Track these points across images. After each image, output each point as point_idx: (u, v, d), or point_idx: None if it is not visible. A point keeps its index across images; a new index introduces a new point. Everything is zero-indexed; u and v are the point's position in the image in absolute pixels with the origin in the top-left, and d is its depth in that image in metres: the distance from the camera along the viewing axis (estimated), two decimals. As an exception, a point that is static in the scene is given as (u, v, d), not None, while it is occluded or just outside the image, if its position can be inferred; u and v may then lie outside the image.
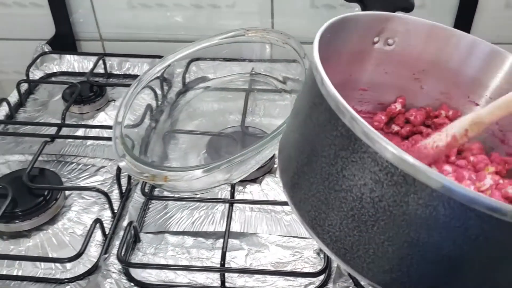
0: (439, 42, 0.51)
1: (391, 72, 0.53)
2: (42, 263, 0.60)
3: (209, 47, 0.79)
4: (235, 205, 0.67)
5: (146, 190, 0.67)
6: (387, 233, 0.36)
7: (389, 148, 0.33)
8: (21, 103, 0.86)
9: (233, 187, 0.66)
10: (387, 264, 0.37)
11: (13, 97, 0.86)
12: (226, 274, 0.58)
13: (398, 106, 0.54)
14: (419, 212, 0.34)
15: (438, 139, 0.46)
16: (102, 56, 0.91)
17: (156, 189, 0.69)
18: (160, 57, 0.92)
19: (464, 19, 0.92)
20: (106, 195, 0.65)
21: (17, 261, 0.61)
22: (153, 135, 0.75)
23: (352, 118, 0.35)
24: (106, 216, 0.66)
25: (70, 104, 0.79)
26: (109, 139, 0.74)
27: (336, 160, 0.37)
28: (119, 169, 0.68)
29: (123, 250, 0.59)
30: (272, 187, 0.71)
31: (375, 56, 0.51)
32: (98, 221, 0.62)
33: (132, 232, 0.62)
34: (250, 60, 0.84)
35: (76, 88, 0.82)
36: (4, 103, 0.83)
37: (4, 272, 0.60)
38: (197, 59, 0.83)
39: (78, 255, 0.58)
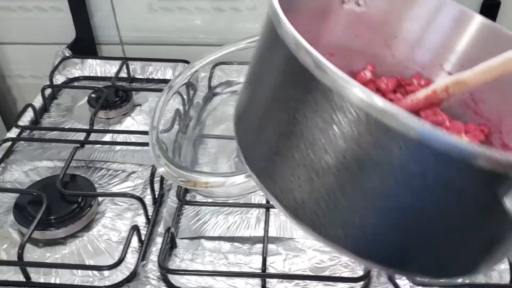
0: (411, 5, 0.47)
1: (361, 37, 0.48)
2: (80, 271, 0.60)
3: (236, 51, 0.79)
4: (270, 210, 0.67)
5: (181, 195, 0.67)
6: (340, 182, 0.32)
7: (346, 85, 0.30)
8: (45, 108, 0.86)
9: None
10: (340, 217, 0.33)
11: (37, 102, 0.86)
12: (266, 280, 0.58)
13: (368, 74, 0.49)
14: (374, 155, 0.30)
15: (418, 94, 0.42)
16: (125, 60, 0.91)
17: (189, 194, 0.69)
18: (184, 61, 0.92)
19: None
20: (141, 201, 0.65)
21: (54, 269, 0.60)
22: (182, 140, 0.75)
23: (307, 52, 0.32)
24: (141, 222, 0.66)
25: (98, 109, 0.79)
26: (139, 144, 0.75)
27: (289, 102, 0.34)
28: (152, 175, 0.68)
29: (163, 256, 0.59)
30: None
31: (345, 17, 0.47)
32: (135, 227, 0.62)
33: (169, 238, 0.62)
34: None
35: (103, 93, 0.82)
36: (30, 109, 0.82)
37: (42, 280, 0.60)
38: (222, 63, 0.83)
39: (119, 262, 0.58)
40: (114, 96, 0.84)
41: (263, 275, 0.57)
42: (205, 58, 0.77)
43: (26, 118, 0.82)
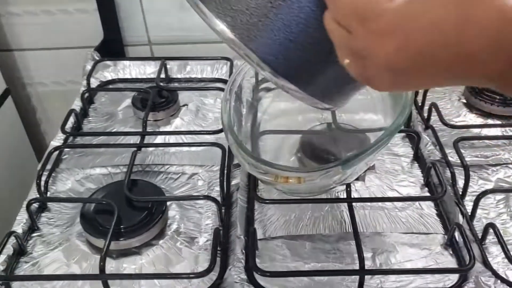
0: None
1: None
2: (162, 281, 0.57)
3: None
4: (343, 205, 0.64)
5: (257, 195, 0.64)
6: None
7: None
8: (85, 114, 0.82)
9: (349, 186, 0.63)
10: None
11: (76, 108, 0.82)
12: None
13: None
14: None
15: None
16: (164, 60, 0.87)
17: (259, 193, 0.66)
18: (225, 58, 0.89)
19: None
20: (217, 202, 0.61)
21: (133, 281, 0.57)
22: (241, 138, 0.72)
23: None
24: (213, 225, 0.63)
25: (149, 111, 0.75)
26: (199, 144, 0.71)
27: None
28: (222, 175, 0.65)
29: (251, 259, 0.56)
30: (376, 184, 0.68)
31: None
32: (217, 231, 0.59)
33: (253, 239, 0.59)
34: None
35: (149, 95, 0.78)
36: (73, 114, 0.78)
37: (123, 293, 0.56)
38: None
39: (210, 269, 0.55)
40: (159, 97, 0.81)
41: (363, 272, 0.55)
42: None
43: (68, 125, 0.78)
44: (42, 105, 1.10)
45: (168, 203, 0.65)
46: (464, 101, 0.82)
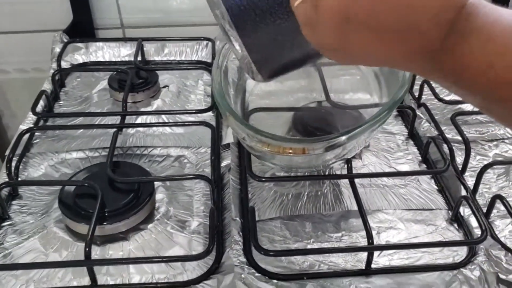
0: None
1: None
2: (155, 266, 0.52)
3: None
4: (342, 182, 0.61)
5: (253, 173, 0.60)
6: None
7: None
8: (56, 97, 0.76)
9: (349, 162, 0.60)
10: None
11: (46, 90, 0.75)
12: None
13: None
14: None
15: None
16: (141, 40, 0.82)
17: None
18: (207, 39, 0.84)
19: None
20: (210, 182, 0.57)
21: (122, 270, 0.52)
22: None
23: None
24: (206, 208, 0.58)
25: (128, 91, 0.70)
26: (180, 125, 0.67)
27: None
28: (214, 155, 0.61)
29: (253, 239, 0.52)
30: (373, 161, 0.65)
31: None
32: (213, 212, 0.54)
33: (252, 220, 0.55)
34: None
35: (127, 75, 0.73)
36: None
37: (111, 282, 0.51)
38: None
39: (208, 251, 0.50)
40: (137, 78, 0.75)
41: (371, 247, 0.51)
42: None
43: (38, 109, 0.72)
44: (3, 96, 1.02)
45: (155, 185, 0.60)
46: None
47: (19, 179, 0.62)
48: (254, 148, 0.54)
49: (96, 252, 0.53)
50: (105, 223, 0.54)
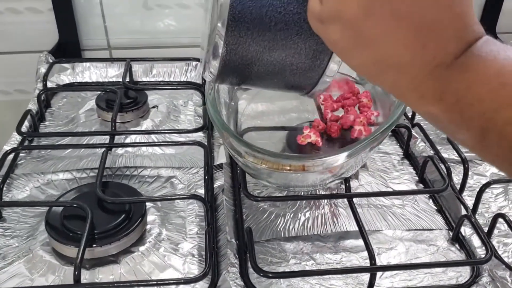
0: None
1: None
2: (146, 291, 0.49)
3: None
4: (340, 202, 0.59)
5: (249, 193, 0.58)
6: None
7: None
8: (42, 117, 0.73)
9: (347, 181, 0.58)
10: None
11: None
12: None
13: None
14: None
15: None
16: (129, 60, 0.80)
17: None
18: (196, 59, 0.83)
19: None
20: (204, 202, 0.55)
21: (112, 293, 0.49)
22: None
23: None
24: (199, 229, 0.56)
25: (117, 110, 0.68)
26: (172, 144, 0.65)
27: None
28: (207, 175, 0.59)
29: (252, 260, 0.49)
30: (370, 181, 0.64)
31: None
32: (208, 233, 0.52)
33: (248, 241, 0.52)
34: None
35: (116, 95, 0.71)
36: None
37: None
38: None
39: (205, 274, 0.48)
40: (126, 98, 0.74)
41: (374, 268, 0.50)
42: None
43: (23, 129, 0.69)
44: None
45: (146, 206, 0.57)
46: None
47: (3, 201, 0.59)
48: (250, 166, 0.53)
49: (85, 276, 0.50)
50: (94, 246, 0.51)
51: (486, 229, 0.57)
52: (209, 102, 0.57)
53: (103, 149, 0.62)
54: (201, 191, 0.61)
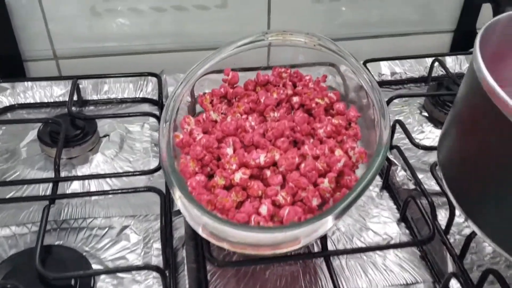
0: None
1: None
2: None
3: (228, 57, 0.64)
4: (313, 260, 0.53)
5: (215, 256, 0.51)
6: None
7: None
8: (-26, 154, 0.65)
9: (324, 238, 0.52)
10: None
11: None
12: None
13: None
14: None
15: None
16: (76, 79, 0.71)
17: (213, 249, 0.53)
18: (152, 74, 0.74)
19: None
20: (163, 274, 0.48)
21: None
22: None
23: None
24: (159, 296, 0.50)
25: (61, 148, 0.60)
26: (124, 192, 0.57)
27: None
28: (163, 231, 0.52)
29: None
30: (348, 223, 0.58)
31: None
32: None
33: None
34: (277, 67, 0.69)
35: (60, 127, 0.63)
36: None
37: None
38: (218, 71, 0.66)
39: None
40: (73, 128, 0.65)
41: None
42: (195, 69, 0.61)
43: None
44: None
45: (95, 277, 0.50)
46: (426, 114, 0.74)
47: None
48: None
49: None
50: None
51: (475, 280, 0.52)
52: (162, 152, 0.49)
53: (45, 203, 0.54)
54: (158, 245, 0.54)
